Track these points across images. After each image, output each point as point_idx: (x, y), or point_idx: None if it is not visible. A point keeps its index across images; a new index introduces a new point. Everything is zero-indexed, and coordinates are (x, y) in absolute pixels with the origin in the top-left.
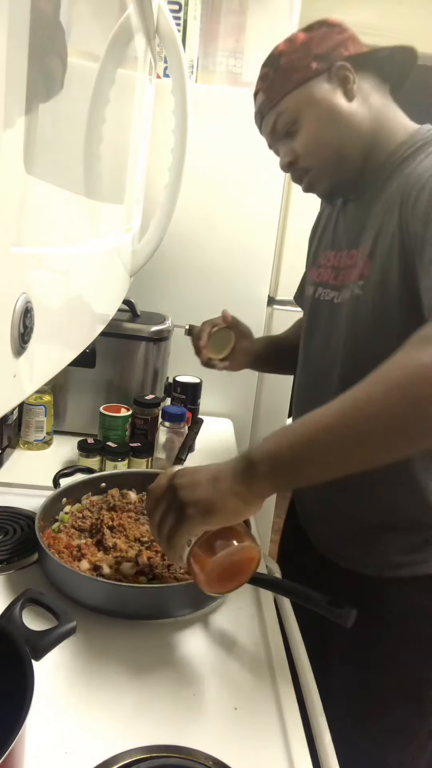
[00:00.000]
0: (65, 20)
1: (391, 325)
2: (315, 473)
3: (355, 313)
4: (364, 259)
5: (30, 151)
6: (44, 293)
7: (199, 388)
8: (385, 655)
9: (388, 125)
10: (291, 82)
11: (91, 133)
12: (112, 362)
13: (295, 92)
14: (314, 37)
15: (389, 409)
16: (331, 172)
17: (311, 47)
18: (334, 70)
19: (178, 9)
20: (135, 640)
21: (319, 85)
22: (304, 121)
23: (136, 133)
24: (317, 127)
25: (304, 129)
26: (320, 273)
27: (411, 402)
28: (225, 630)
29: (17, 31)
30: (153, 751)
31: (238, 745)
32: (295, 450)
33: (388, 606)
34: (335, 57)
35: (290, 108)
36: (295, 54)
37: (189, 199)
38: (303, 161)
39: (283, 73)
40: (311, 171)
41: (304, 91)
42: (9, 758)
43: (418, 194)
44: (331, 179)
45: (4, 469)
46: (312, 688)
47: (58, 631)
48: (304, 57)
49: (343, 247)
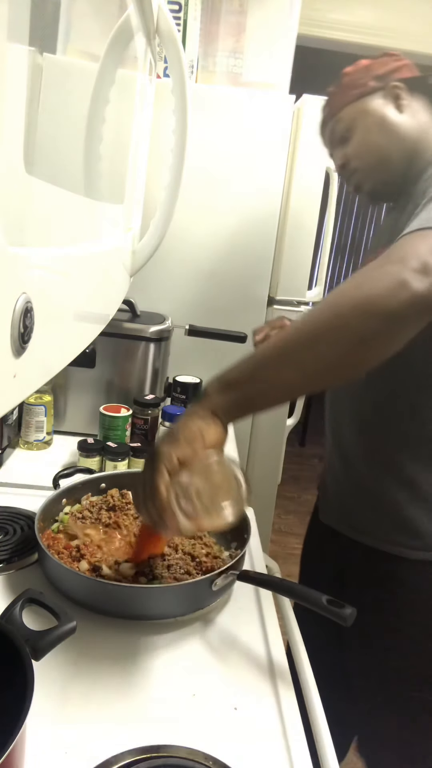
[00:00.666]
0: (65, 20)
1: None
2: (261, 392)
3: None
4: None
5: (30, 151)
6: (44, 293)
7: (199, 388)
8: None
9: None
10: (351, 95)
11: (91, 133)
12: (112, 362)
13: (354, 104)
14: (375, 63)
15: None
16: (376, 174)
17: (371, 69)
18: (389, 89)
19: (178, 9)
20: (135, 640)
21: (374, 100)
22: (358, 128)
23: (136, 133)
24: (367, 132)
25: (356, 135)
26: None
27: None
28: (225, 630)
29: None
30: (153, 751)
31: (238, 745)
32: (239, 371)
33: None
34: (390, 78)
35: (347, 117)
36: (356, 74)
37: (189, 199)
38: (353, 163)
39: (344, 89)
40: (358, 172)
41: (361, 104)
42: (9, 758)
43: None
44: (375, 180)
45: (4, 469)
46: (312, 688)
47: (58, 631)
48: (364, 77)
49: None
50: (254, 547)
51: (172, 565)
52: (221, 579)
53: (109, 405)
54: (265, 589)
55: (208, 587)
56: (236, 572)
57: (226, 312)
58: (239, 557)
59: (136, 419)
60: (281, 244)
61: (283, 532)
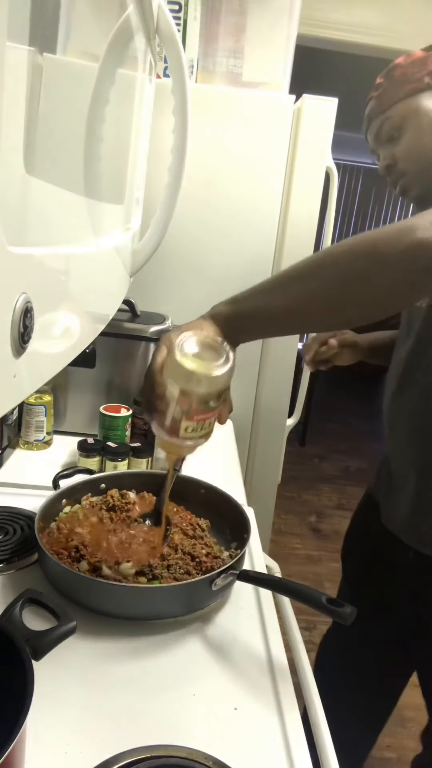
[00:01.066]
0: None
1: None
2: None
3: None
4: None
5: (30, 151)
6: (44, 293)
7: None
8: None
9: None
10: (403, 91)
11: (91, 133)
12: (112, 362)
13: (406, 101)
14: (430, 56)
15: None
16: (426, 178)
17: (427, 63)
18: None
19: (178, 9)
20: (134, 640)
21: (428, 98)
22: (409, 127)
23: (136, 133)
24: (420, 133)
25: (407, 135)
26: None
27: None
28: (225, 630)
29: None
30: (153, 751)
31: (238, 745)
32: (247, 292)
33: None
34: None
35: (398, 115)
36: (410, 68)
37: (189, 198)
38: (401, 164)
39: (396, 83)
40: (406, 175)
41: (414, 101)
42: (9, 758)
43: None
44: (423, 184)
45: (4, 469)
46: (312, 687)
47: (58, 631)
48: (419, 71)
49: None
50: (254, 547)
51: (172, 565)
52: (221, 579)
53: (109, 405)
54: (265, 589)
55: (208, 587)
56: (236, 572)
57: None
58: (239, 557)
59: (136, 419)
60: (281, 244)
61: (283, 532)
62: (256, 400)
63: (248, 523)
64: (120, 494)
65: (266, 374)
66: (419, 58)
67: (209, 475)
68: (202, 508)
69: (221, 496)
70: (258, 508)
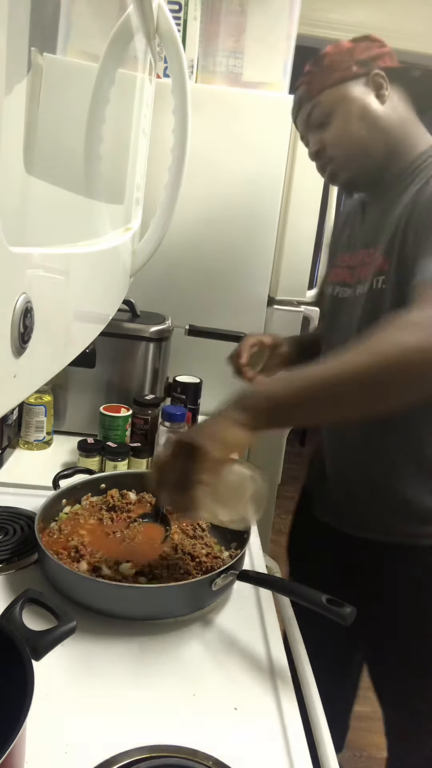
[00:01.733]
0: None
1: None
2: (302, 416)
3: (375, 306)
4: (381, 255)
5: (30, 151)
6: (44, 293)
7: (200, 388)
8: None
9: (411, 135)
10: (331, 78)
11: (91, 133)
12: (112, 362)
13: (334, 88)
14: (358, 46)
15: (368, 375)
16: (354, 164)
17: (354, 53)
18: (371, 76)
19: (178, 9)
20: (135, 641)
21: (356, 86)
22: (337, 114)
23: (136, 133)
24: (348, 120)
25: (335, 121)
26: (337, 273)
27: (387, 373)
28: (225, 630)
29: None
30: (153, 751)
31: (238, 745)
32: (287, 394)
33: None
34: (374, 65)
35: (327, 101)
36: (339, 56)
37: (189, 199)
38: (330, 150)
39: (325, 71)
40: (334, 161)
41: (342, 89)
42: (9, 758)
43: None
44: (352, 171)
45: (4, 469)
46: (312, 687)
47: (58, 631)
48: (347, 60)
49: (358, 248)
50: (254, 547)
51: (172, 565)
52: (221, 579)
53: (109, 405)
54: (265, 589)
55: (208, 587)
56: (236, 572)
57: (226, 312)
58: (239, 557)
59: (136, 419)
60: (281, 244)
61: (283, 532)
62: None
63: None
64: (120, 494)
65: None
66: (347, 48)
67: None
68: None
69: None
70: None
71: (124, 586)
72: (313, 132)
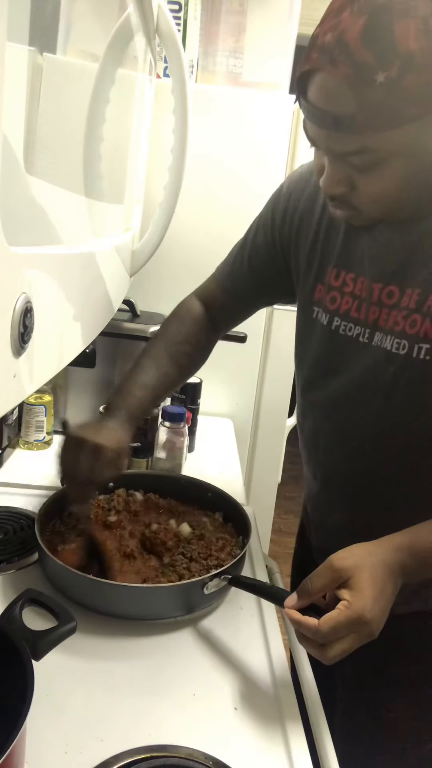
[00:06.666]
0: (65, 20)
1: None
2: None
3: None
4: (423, 311)
5: (30, 150)
6: (44, 293)
7: (199, 388)
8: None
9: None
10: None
11: (91, 133)
12: (112, 362)
13: (408, 125)
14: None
15: None
16: (384, 215)
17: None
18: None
19: (178, 9)
20: (135, 640)
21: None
22: (395, 163)
23: (136, 133)
24: (406, 178)
25: (388, 173)
26: (334, 297)
27: None
28: (225, 630)
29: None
30: (153, 751)
31: (238, 745)
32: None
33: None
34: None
35: (387, 147)
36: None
37: (189, 199)
38: (362, 203)
39: (409, 90)
40: (363, 214)
41: (421, 125)
42: (9, 758)
43: None
44: (375, 220)
45: (4, 469)
46: (312, 687)
47: (58, 631)
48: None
49: (366, 273)
50: (254, 547)
51: (185, 557)
52: (213, 583)
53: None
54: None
55: (200, 590)
56: (229, 576)
57: None
58: (236, 560)
59: None
60: None
61: (283, 532)
62: (257, 401)
63: (248, 523)
64: (128, 494)
65: (267, 374)
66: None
67: (209, 475)
68: (208, 508)
69: (221, 495)
70: (258, 508)
71: (124, 586)
72: (342, 165)
